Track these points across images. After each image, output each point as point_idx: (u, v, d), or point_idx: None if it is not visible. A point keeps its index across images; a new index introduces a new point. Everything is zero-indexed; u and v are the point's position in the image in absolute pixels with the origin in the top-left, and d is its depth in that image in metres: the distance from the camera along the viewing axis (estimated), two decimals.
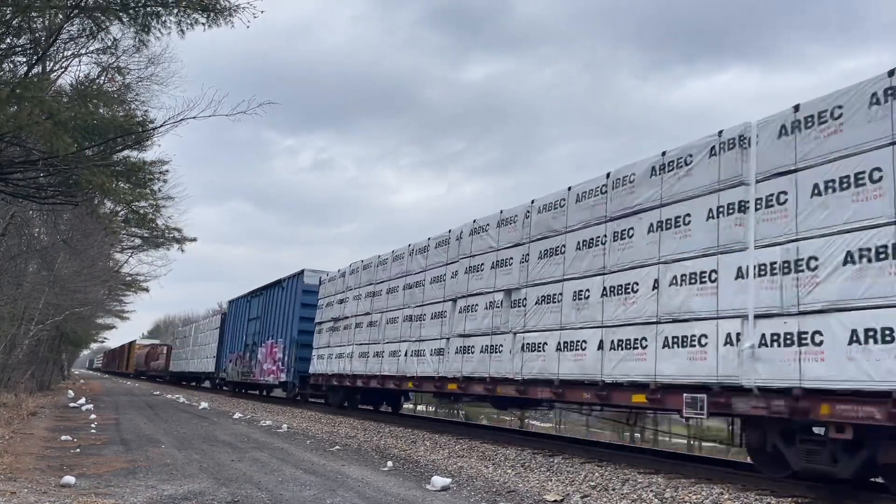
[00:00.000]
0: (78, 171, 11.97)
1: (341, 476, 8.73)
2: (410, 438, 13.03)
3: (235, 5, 10.70)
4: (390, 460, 10.19)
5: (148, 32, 11.14)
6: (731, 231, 7.70)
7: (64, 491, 6.96)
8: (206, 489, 7.36)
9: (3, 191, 12.99)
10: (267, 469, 9.07)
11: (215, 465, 9.30)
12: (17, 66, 11.95)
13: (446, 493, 7.77)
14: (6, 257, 19.18)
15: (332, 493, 7.47)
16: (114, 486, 7.33)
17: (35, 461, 8.98)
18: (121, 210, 21.64)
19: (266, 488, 7.55)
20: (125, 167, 15.34)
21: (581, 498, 7.51)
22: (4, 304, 18.96)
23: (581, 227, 10.06)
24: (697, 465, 9.00)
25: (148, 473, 8.32)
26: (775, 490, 7.22)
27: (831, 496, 6.94)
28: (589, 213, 9.96)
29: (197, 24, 10.96)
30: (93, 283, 25.49)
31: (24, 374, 27.51)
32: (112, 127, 12.88)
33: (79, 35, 12.25)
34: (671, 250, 8.45)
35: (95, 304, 31.80)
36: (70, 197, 13.91)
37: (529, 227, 11.19)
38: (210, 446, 11.51)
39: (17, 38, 11.32)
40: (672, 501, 7.05)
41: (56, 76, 14.02)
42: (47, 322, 25.51)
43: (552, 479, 8.54)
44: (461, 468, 9.63)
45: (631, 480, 8.01)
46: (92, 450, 10.58)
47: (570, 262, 10.15)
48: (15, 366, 24.55)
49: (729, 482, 7.74)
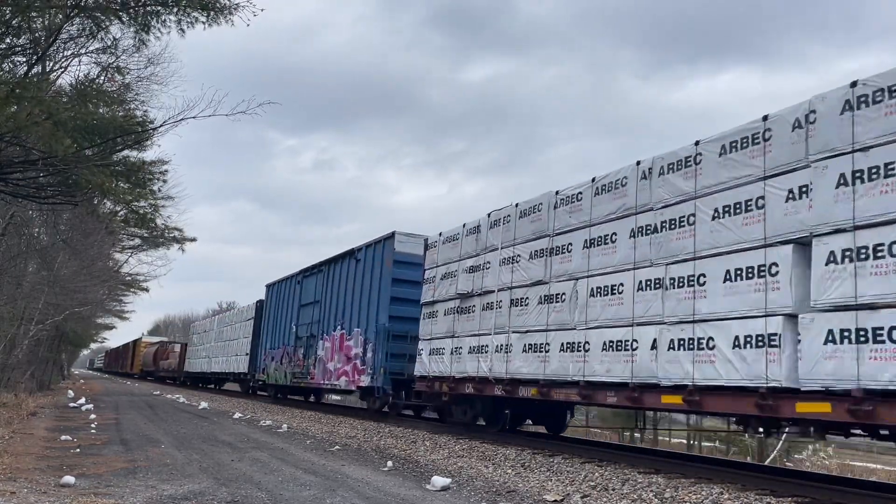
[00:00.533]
0: (77, 171, 11.96)
1: (341, 476, 8.73)
2: (410, 438, 13.03)
3: (235, 4, 10.69)
4: (390, 460, 10.19)
5: (148, 32, 11.14)
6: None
7: (64, 491, 6.96)
8: (206, 489, 7.35)
9: (3, 191, 12.99)
10: (267, 469, 9.07)
11: (215, 464, 9.30)
12: (17, 65, 11.96)
13: (446, 493, 7.76)
14: (6, 257, 19.18)
15: (332, 493, 7.47)
16: (114, 486, 7.32)
17: (35, 461, 8.97)
18: (120, 210, 21.63)
19: (266, 488, 7.54)
20: (125, 167, 15.33)
21: (581, 498, 7.50)
22: (4, 303, 18.96)
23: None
24: (697, 465, 9.01)
25: (148, 473, 8.31)
26: (775, 490, 7.23)
27: (831, 496, 6.94)
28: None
29: (197, 23, 10.96)
30: (92, 283, 25.48)
31: (24, 374, 27.52)
32: (112, 127, 12.87)
33: (78, 35, 12.26)
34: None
35: (95, 304, 31.80)
36: (70, 197, 13.90)
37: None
38: (210, 446, 11.50)
39: (16, 37, 11.32)
40: (672, 501, 7.04)
41: (56, 76, 14.02)
42: (47, 322, 25.52)
43: (552, 479, 8.54)
44: (461, 468, 9.63)
45: (631, 480, 8.01)
46: (92, 450, 10.57)
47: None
48: (15, 366, 24.56)
49: (729, 482, 7.74)
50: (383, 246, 16.89)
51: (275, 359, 24.30)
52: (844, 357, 6.49)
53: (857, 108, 6.80)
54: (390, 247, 16.60)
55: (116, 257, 31.03)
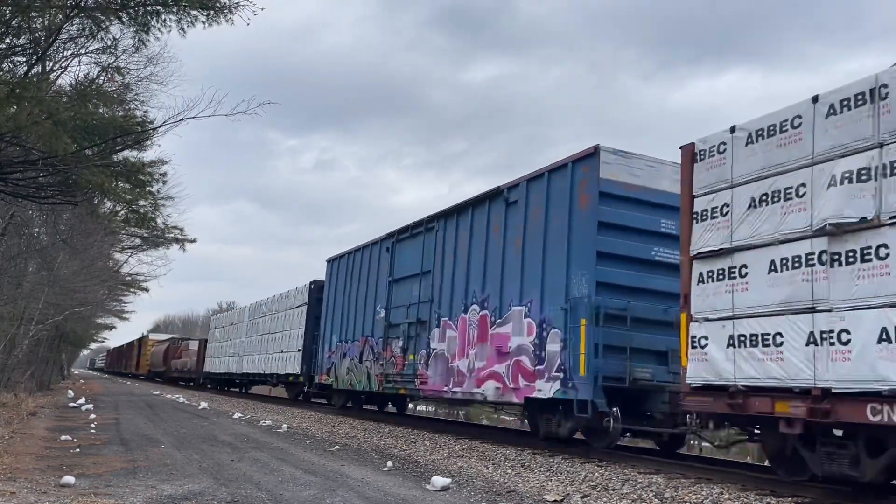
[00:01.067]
0: (77, 171, 11.98)
1: (341, 476, 8.73)
2: (410, 438, 13.02)
3: (235, 3, 10.71)
4: (390, 460, 10.19)
5: (148, 32, 11.16)
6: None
7: (64, 491, 6.95)
8: (206, 489, 7.35)
9: (3, 191, 12.99)
10: (267, 469, 9.07)
11: (215, 464, 9.29)
12: (17, 65, 11.96)
13: (446, 493, 7.76)
14: (6, 257, 19.19)
15: (332, 492, 7.47)
16: (113, 486, 7.32)
17: (35, 461, 8.97)
18: (120, 210, 21.64)
19: (266, 488, 7.54)
20: (125, 167, 15.33)
21: (581, 498, 7.51)
22: (4, 303, 18.96)
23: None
24: (697, 465, 9.00)
25: (148, 473, 8.31)
26: (775, 490, 7.22)
27: (831, 496, 6.93)
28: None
29: (197, 22, 10.99)
30: (92, 283, 25.49)
31: (24, 373, 27.52)
32: (112, 127, 12.88)
33: (78, 35, 12.27)
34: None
35: (95, 304, 31.82)
36: (70, 197, 13.92)
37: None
38: (210, 446, 11.50)
39: (16, 37, 11.32)
40: (672, 501, 7.04)
41: (56, 76, 14.02)
42: (47, 322, 25.53)
43: (552, 479, 8.54)
44: (461, 468, 9.63)
45: (631, 480, 8.01)
46: (92, 450, 10.57)
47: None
48: (15, 366, 24.56)
49: (729, 482, 7.73)
50: (571, 173, 10.81)
51: (347, 355, 18.17)
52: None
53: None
54: (590, 173, 10.44)
55: (116, 257, 31.06)
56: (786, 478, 7.47)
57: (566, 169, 10.98)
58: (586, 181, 10.52)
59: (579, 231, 10.50)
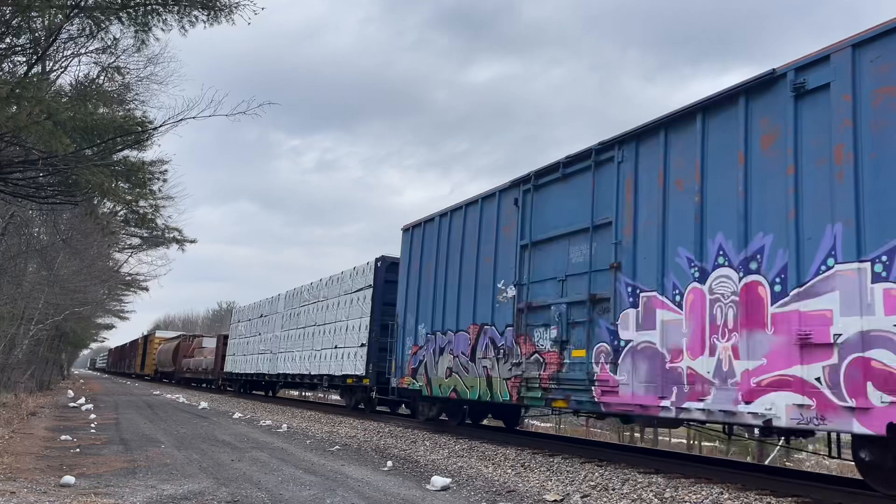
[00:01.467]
0: (77, 171, 11.98)
1: (341, 476, 8.73)
2: (410, 438, 13.02)
3: (235, 3, 10.73)
4: (390, 460, 10.19)
5: (148, 31, 11.19)
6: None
7: (64, 491, 6.95)
8: (206, 489, 7.35)
9: (3, 190, 13.00)
10: (267, 469, 9.07)
11: (215, 464, 9.29)
12: (17, 65, 11.97)
13: (446, 493, 7.76)
14: (6, 257, 19.19)
15: (332, 492, 7.47)
16: (113, 486, 7.32)
17: (35, 461, 8.97)
18: (120, 210, 21.64)
19: (266, 488, 7.54)
20: (125, 167, 15.33)
21: (581, 498, 7.51)
22: (4, 303, 18.97)
23: None
24: (697, 465, 9.00)
25: (148, 473, 8.31)
26: (775, 490, 7.22)
27: (831, 496, 6.93)
28: None
29: (198, 22, 11.01)
30: (92, 283, 25.51)
31: (24, 373, 27.54)
32: (111, 127, 12.88)
33: (78, 35, 12.28)
34: None
35: (95, 304, 31.86)
36: (70, 197, 13.92)
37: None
38: (210, 446, 11.50)
39: (16, 37, 11.34)
40: (672, 501, 7.04)
41: (56, 76, 14.04)
42: (47, 322, 25.55)
43: (552, 479, 8.54)
44: (461, 468, 9.63)
45: (631, 480, 8.01)
46: (92, 450, 10.57)
47: None
48: (15, 365, 24.57)
49: (729, 482, 7.74)
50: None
51: (447, 351, 13.28)
52: None
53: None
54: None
55: (116, 257, 31.10)
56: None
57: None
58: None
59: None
